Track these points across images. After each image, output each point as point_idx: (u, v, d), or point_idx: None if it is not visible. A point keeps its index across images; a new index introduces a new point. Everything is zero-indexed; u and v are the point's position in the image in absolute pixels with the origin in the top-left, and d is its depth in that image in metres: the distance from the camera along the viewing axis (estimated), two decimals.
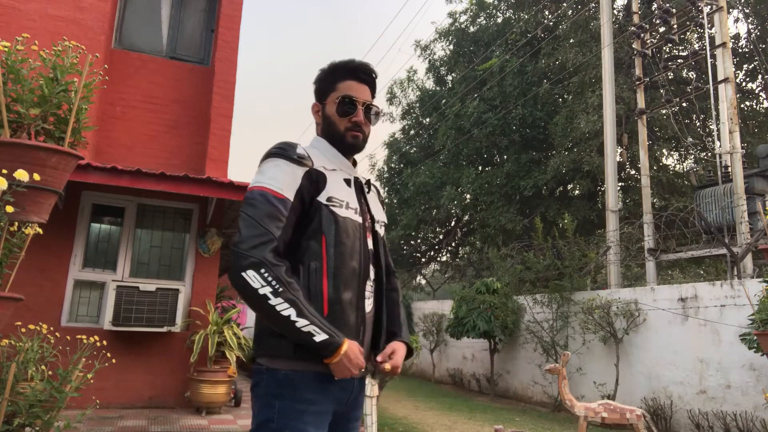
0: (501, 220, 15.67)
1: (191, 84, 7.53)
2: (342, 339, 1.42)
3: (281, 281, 1.40)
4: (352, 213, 1.59)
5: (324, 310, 1.48)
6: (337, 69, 1.69)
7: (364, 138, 1.68)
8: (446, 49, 20.47)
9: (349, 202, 1.60)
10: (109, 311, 6.04)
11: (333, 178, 1.60)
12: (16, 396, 2.87)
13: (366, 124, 1.68)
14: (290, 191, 1.51)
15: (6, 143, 1.79)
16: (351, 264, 1.54)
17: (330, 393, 1.48)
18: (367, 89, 1.70)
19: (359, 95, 1.66)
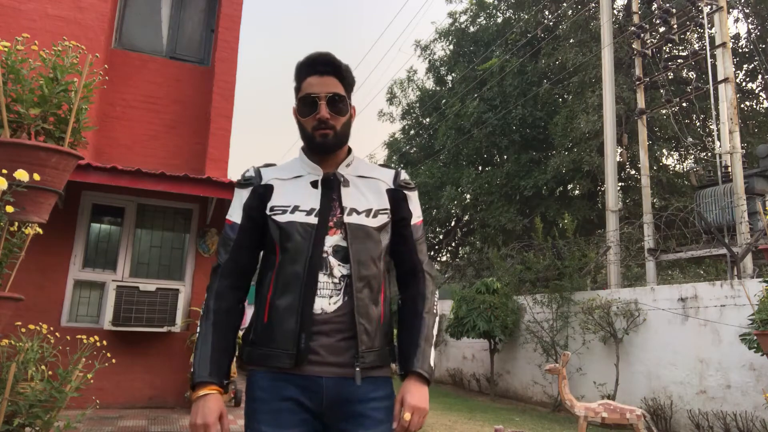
0: (501, 220, 15.67)
1: (191, 84, 7.53)
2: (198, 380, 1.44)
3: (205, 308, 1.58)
4: (302, 215, 1.54)
5: (265, 317, 1.52)
6: (299, 67, 1.60)
7: (336, 134, 1.56)
8: (446, 49, 20.48)
9: (301, 204, 1.55)
10: (109, 311, 6.04)
11: (285, 186, 1.59)
12: (16, 396, 2.87)
13: (334, 118, 1.55)
14: (237, 214, 1.60)
15: (6, 143, 1.79)
16: (293, 268, 1.50)
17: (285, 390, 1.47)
18: (331, 80, 1.56)
19: (320, 89, 1.54)
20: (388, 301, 1.61)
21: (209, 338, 1.52)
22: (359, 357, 1.47)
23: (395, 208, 1.63)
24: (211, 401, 1.42)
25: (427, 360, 1.51)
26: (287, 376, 1.47)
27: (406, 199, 1.65)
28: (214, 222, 6.94)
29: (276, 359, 1.47)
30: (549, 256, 9.88)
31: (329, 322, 1.48)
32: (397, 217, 1.63)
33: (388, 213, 1.60)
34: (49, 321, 5.38)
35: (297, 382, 1.47)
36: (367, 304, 1.51)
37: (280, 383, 1.47)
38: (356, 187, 1.61)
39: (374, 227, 1.56)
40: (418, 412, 1.44)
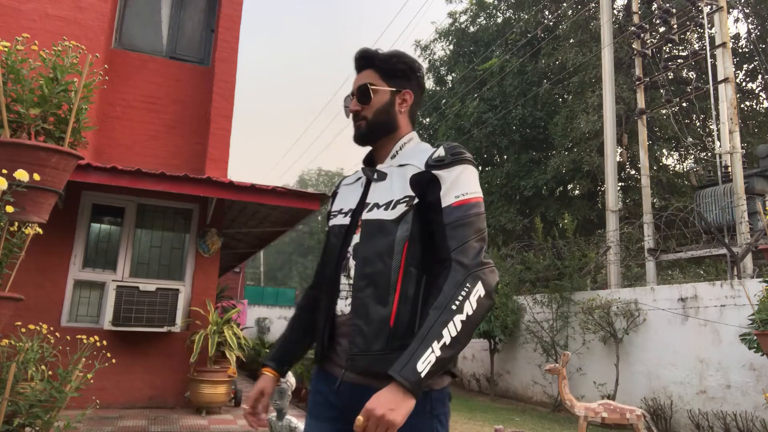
0: (501, 220, 15.68)
1: (191, 84, 7.53)
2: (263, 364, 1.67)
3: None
4: (341, 218, 1.57)
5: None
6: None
7: (367, 123, 1.56)
8: (446, 49, 20.48)
9: (344, 207, 1.59)
10: (109, 311, 6.04)
11: (344, 191, 1.67)
12: (16, 396, 2.87)
13: (364, 108, 1.56)
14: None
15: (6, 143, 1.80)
16: (327, 270, 1.57)
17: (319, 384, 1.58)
18: (364, 73, 1.60)
19: (353, 86, 1.61)
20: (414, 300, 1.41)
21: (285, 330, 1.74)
22: (349, 359, 1.41)
23: (424, 193, 1.44)
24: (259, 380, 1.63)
25: (410, 363, 1.23)
26: (321, 371, 1.57)
27: (435, 180, 1.44)
28: (214, 222, 6.94)
29: (315, 354, 1.59)
30: (549, 256, 9.88)
31: (345, 324, 1.46)
32: (425, 202, 1.44)
33: (408, 201, 1.44)
34: (49, 321, 5.38)
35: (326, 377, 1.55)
36: (367, 303, 1.41)
37: (319, 378, 1.58)
38: (390, 178, 1.51)
39: (391, 219, 1.43)
40: (373, 419, 1.18)
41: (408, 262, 1.41)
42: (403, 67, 1.60)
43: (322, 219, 25.94)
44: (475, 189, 1.44)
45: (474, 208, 1.41)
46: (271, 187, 6.32)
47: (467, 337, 1.30)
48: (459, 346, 1.28)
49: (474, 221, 1.40)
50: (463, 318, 1.29)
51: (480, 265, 1.35)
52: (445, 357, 1.26)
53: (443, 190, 1.42)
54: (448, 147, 1.48)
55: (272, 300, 23.70)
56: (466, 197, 1.42)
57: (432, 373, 1.23)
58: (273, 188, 6.34)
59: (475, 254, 1.36)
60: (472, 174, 1.46)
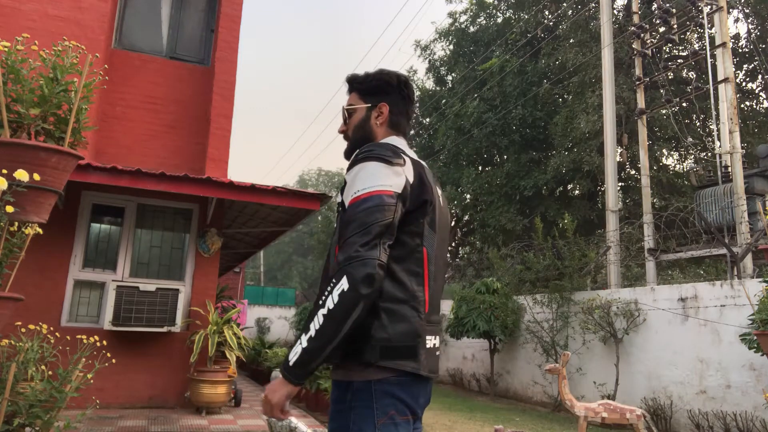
0: (501, 220, 15.68)
1: (191, 84, 7.53)
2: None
3: None
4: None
5: None
6: None
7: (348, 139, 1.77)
8: (446, 49, 20.48)
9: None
10: (109, 311, 6.04)
11: None
12: (16, 396, 2.87)
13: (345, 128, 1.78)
14: None
15: (6, 143, 1.80)
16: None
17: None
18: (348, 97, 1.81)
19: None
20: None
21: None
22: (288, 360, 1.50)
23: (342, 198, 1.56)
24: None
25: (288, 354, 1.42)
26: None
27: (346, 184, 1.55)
28: (214, 222, 6.94)
29: None
30: (549, 256, 9.88)
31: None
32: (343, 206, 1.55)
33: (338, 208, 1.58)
34: (49, 321, 5.38)
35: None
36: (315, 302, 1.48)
37: None
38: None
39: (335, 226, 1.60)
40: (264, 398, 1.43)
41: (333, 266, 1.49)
42: (377, 83, 1.76)
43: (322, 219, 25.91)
44: (370, 184, 1.46)
45: (364, 203, 1.44)
46: (271, 187, 6.32)
47: (334, 331, 1.36)
48: (326, 339, 1.36)
49: (359, 216, 1.42)
50: (325, 312, 1.37)
51: (348, 259, 1.38)
52: (310, 348, 1.36)
53: (345, 194, 1.52)
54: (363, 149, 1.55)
55: (272, 300, 23.70)
56: (357, 194, 1.46)
57: (301, 363, 1.37)
58: (273, 188, 6.33)
59: (349, 249, 1.40)
60: (370, 169, 1.49)
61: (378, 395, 1.42)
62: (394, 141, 1.68)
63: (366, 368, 1.43)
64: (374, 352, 1.43)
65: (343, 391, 1.47)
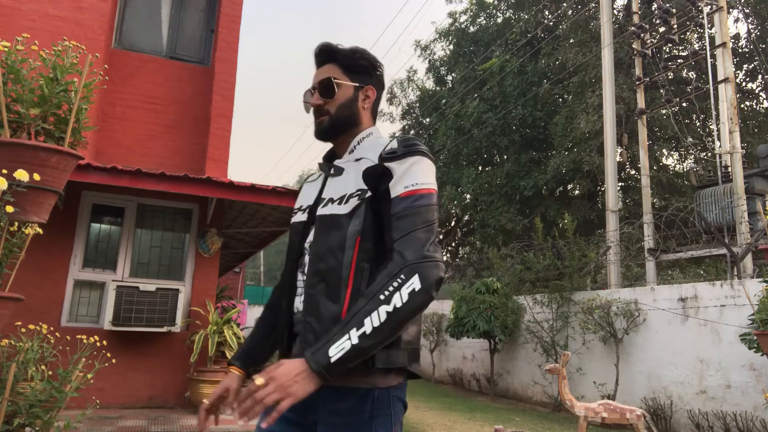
0: (501, 220, 15.68)
1: (191, 84, 7.53)
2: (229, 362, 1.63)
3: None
4: (300, 215, 1.56)
5: None
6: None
7: (330, 119, 1.53)
8: (446, 49, 20.49)
9: (303, 204, 1.58)
10: (109, 311, 6.04)
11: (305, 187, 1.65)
12: (16, 396, 2.87)
13: (327, 102, 1.53)
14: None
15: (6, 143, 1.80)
16: (288, 267, 1.53)
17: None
18: (326, 68, 1.56)
19: (314, 80, 1.57)
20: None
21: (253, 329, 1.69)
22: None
23: (376, 186, 1.41)
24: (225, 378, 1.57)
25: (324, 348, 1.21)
26: None
27: (388, 172, 1.41)
28: (214, 222, 6.94)
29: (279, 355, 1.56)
30: (549, 256, 9.88)
31: (300, 321, 1.43)
32: (377, 194, 1.41)
33: (361, 194, 1.41)
34: (49, 321, 5.38)
35: None
36: (318, 300, 1.37)
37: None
38: (347, 173, 1.49)
39: (344, 214, 1.41)
40: (275, 384, 1.16)
41: (360, 257, 1.37)
42: (365, 63, 1.57)
43: None
44: (427, 180, 1.39)
45: (423, 198, 1.36)
46: (271, 187, 6.32)
47: (393, 331, 1.25)
48: (381, 338, 1.23)
49: (422, 211, 1.35)
50: (390, 309, 1.23)
51: (422, 258, 1.29)
52: (363, 346, 1.21)
53: (393, 181, 1.39)
54: (402, 139, 1.45)
55: None
56: (416, 188, 1.37)
57: (345, 360, 1.20)
58: (273, 188, 6.33)
59: (419, 246, 1.30)
60: (425, 165, 1.41)
61: (393, 402, 1.36)
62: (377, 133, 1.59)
63: (387, 374, 1.36)
64: (404, 356, 1.36)
65: (360, 399, 1.33)
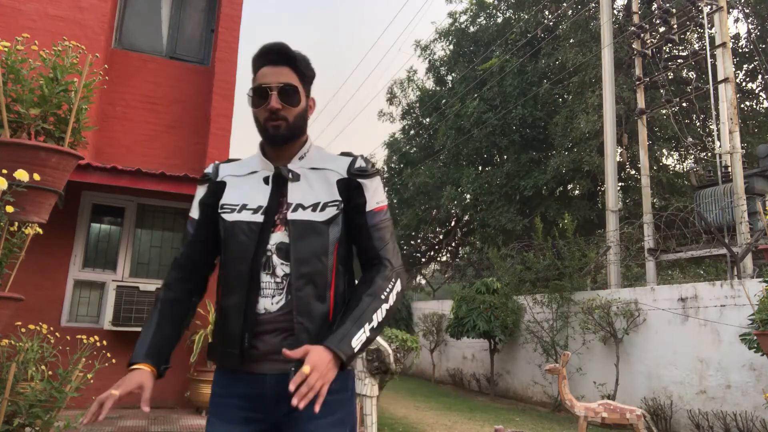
0: (501, 220, 15.67)
1: (191, 84, 7.53)
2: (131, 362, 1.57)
3: (155, 299, 1.63)
4: (249, 214, 1.53)
5: (218, 317, 1.58)
6: (254, 59, 1.58)
7: (288, 125, 1.53)
8: (446, 49, 20.48)
9: (249, 202, 1.55)
10: (109, 311, 6.04)
11: (239, 183, 1.60)
12: (16, 396, 2.87)
13: (285, 108, 1.52)
14: (195, 210, 1.66)
15: (6, 143, 1.80)
16: (238, 268, 1.51)
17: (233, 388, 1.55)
18: (284, 70, 1.54)
19: (272, 79, 1.52)
20: (343, 295, 1.54)
21: (153, 325, 1.61)
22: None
23: (348, 198, 1.56)
24: (134, 374, 1.49)
25: (346, 340, 1.37)
26: (236, 374, 1.54)
27: (360, 187, 1.57)
28: None
29: (226, 357, 1.54)
30: (549, 256, 9.88)
31: (272, 321, 1.48)
32: (350, 206, 1.56)
33: (338, 204, 1.54)
34: (49, 321, 5.38)
35: (244, 379, 1.53)
36: (308, 302, 1.47)
37: (229, 380, 1.55)
38: (306, 180, 1.56)
39: (321, 221, 1.51)
40: (318, 372, 1.29)
41: (338, 261, 1.54)
42: (312, 73, 1.62)
43: None
44: (385, 198, 1.66)
45: (387, 213, 1.63)
46: None
47: (387, 323, 1.52)
48: (379, 330, 1.48)
49: (390, 224, 1.63)
50: (388, 307, 1.49)
51: (400, 265, 1.59)
52: (371, 338, 1.44)
53: (367, 197, 1.58)
54: (366, 159, 1.63)
55: None
56: (383, 204, 1.61)
57: (360, 350, 1.41)
58: None
59: (397, 255, 1.59)
60: (382, 185, 1.67)
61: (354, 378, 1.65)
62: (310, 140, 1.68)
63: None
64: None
65: (344, 379, 1.53)
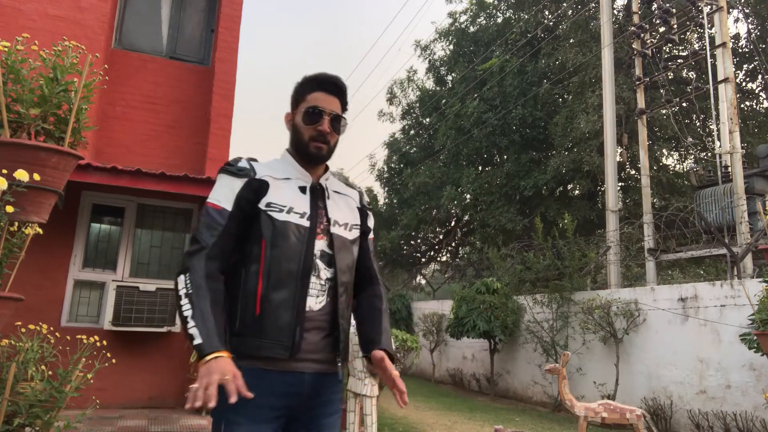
0: (501, 220, 15.67)
1: (191, 84, 7.53)
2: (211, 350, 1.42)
3: (194, 284, 1.52)
4: (297, 217, 1.66)
5: (257, 309, 1.57)
6: (307, 81, 1.77)
7: (328, 149, 1.75)
8: (446, 49, 20.48)
9: (295, 207, 1.68)
10: (109, 311, 6.04)
11: (279, 185, 1.70)
12: (16, 396, 2.87)
13: (332, 135, 1.74)
14: (228, 202, 1.65)
15: (6, 143, 1.80)
16: (287, 265, 1.61)
17: (271, 387, 1.54)
18: (335, 101, 1.75)
19: (326, 105, 1.73)
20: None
21: (210, 314, 1.50)
22: (340, 354, 1.68)
23: (362, 224, 1.86)
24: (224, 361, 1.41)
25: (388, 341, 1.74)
26: (272, 373, 1.54)
27: (367, 218, 1.90)
28: None
29: (270, 350, 1.54)
30: (549, 256, 9.88)
31: (314, 319, 1.62)
32: (361, 232, 1.85)
33: (359, 228, 1.83)
34: (49, 321, 5.37)
35: (282, 378, 1.55)
36: (345, 307, 1.70)
37: (265, 379, 1.53)
38: (335, 200, 1.79)
39: (350, 240, 1.77)
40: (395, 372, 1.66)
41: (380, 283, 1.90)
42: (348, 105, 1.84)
43: None
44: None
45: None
46: None
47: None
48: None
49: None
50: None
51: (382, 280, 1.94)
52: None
53: (370, 226, 1.91)
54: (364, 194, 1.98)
55: None
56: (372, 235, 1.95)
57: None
58: None
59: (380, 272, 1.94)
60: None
61: None
62: None
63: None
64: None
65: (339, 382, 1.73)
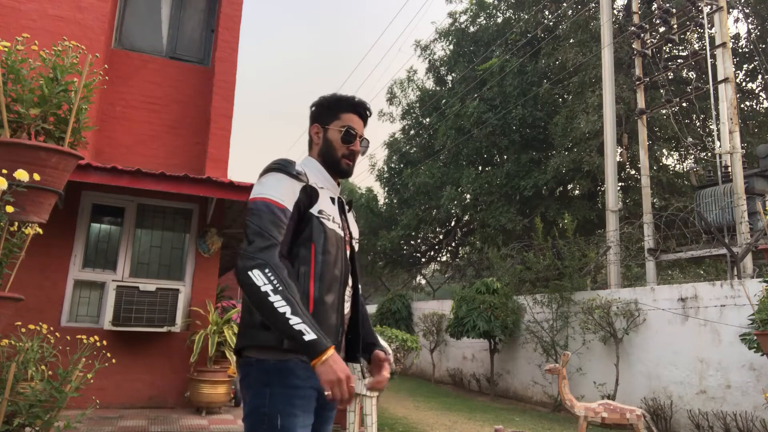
0: (501, 220, 15.67)
1: (191, 84, 7.53)
2: (328, 345, 1.49)
3: (282, 281, 1.54)
4: (337, 227, 1.81)
5: (310, 310, 1.65)
6: (342, 101, 1.93)
7: (353, 167, 1.94)
8: (446, 49, 20.47)
9: (334, 216, 1.82)
10: (109, 311, 6.04)
11: (324, 194, 1.82)
12: (16, 396, 2.87)
13: (358, 155, 1.93)
14: (290, 202, 1.70)
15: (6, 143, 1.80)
16: (334, 271, 1.75)
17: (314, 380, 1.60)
18: (362, 124, 1.95)
19: (360, 129, 1.93)
20: None
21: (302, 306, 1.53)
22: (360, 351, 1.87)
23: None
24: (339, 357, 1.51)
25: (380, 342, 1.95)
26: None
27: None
28: (214, 222, 6.93)
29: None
30: (549, 256, 9.88)
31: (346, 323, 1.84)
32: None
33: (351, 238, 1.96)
34: (49, 321, 5.38)
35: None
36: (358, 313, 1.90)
37: (310, 372, 1.59)
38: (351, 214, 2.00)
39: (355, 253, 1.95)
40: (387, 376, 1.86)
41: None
42: None
43: None
44: None
45: None
46: None
47: None
48: None
49: None
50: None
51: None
52: None
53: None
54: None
55: None
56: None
57: None
58: None
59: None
60: None
61: None
62: None
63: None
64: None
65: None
